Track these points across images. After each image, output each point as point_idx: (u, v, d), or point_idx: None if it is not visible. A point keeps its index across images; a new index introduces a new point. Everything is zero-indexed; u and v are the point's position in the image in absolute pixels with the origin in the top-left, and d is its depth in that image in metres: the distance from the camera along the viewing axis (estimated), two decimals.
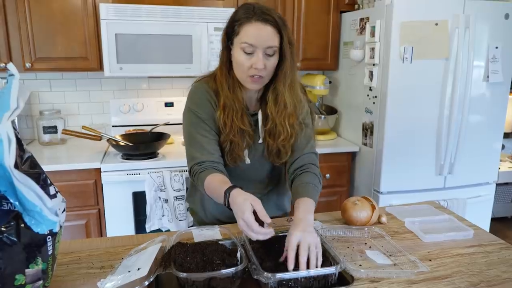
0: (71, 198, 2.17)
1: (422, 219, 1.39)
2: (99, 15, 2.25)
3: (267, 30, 1.17)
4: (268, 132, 1.32)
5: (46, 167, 2.05)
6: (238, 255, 1.03)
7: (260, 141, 1.34)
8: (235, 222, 1.31)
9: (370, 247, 1.21)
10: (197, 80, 1.36)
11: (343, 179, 2.66)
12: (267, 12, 1.18)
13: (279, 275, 0.94)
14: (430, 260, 1.14)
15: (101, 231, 2.30)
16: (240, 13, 1.21)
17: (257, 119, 1.33)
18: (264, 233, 1.01)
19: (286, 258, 1.01)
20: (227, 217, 1.41)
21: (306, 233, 1.04)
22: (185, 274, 0.92)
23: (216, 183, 1.18)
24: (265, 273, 0.93)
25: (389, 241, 1.22)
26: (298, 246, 1.01)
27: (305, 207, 1.16)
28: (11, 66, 0.84)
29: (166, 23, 2.31)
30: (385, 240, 1.23)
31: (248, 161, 1.35)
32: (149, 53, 2.33)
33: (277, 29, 1.18)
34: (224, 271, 0.94)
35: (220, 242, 1.10)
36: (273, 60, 1.21)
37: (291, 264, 0.99)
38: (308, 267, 0.99)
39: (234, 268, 0.95)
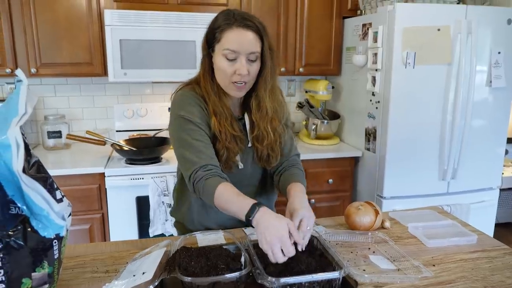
0: (75, 202, 2.18)
1: (425, 224, 1.39)
2: (103, 21, 2.28)
3: (248, 36, 1.17)
4: (255, 138, 1.33)
5: (50, 172, 2.06)
6: (242, 259, 1.03)
7: (249, 145, 1.35)
8: (224, 229, 1.32)
9: (373, 252, 1.21)
10: (180, 88, 1.34)
11: (346, 184, 2.66)
12: (248, 18, 1.19)
13: (283, 280, 0.94)
14: (433, 265, 1.14)
15: (105, 236, 2.31)
16: (220, 19, 1.20)
17: (244, 123, 1.34)
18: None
19: None
20: (217, 225, 1.41)
21: (309, 211, 1.12)
22: (189, 278, 0.92)
23: (232, 194, 1.15)
24: (269, 277, 0.94)
25: (392, 246, 1.22)
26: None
27: (299, 188, 1.25)
28: (19, 72, 0.86)
29: (169, 29, 2.33)
30: (389, 245, 1.23)
31: (241, 165, 1.35)
32: (153, 58, 2.35)
33: (258, 35, 1.19)
34: (228, 275, 0.94)
35: (224, 247, 1.10)
36: (256, 66, 1.22)
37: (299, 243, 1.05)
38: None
39: (238, 272, 0.95)
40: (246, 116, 1.34)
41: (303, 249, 1.06)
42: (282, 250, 1.00)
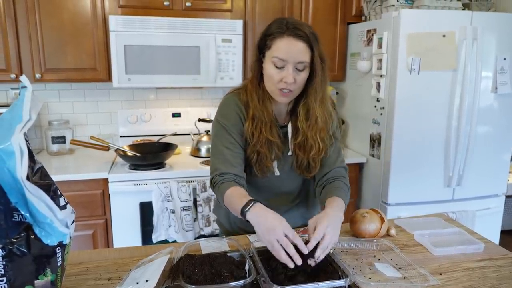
0: (79, 208, 2.18)
1: (431, 232, 1.38)
2: (108, 26, 2.29)
3: (298, 46, 1.18)
4: (298, 145, 1.33)
5: (54, 177, 2.05)
6: (247, 267, 1.02)
7: (290, 153, 1.35)
8: None
9: (379, 259, 1.20)
10: (229, 92, 1.39)
11: (350, 190, 2.62)
12: (300, 27, 1.19)
13: None
14: (440, 274, 1.12)
15: (108, 242, 2.30)
16: (273, 27, 1.23)
17: (287, 132, 1.35)
18: (294, 255, 1.00)
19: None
20: (252, 228, 1.41)
21: (334, 230, 1.08)
22: (193, 286, 0.91)
23: (236, 195, 1.18)
24: (274, 285, 0.93)
25: (398, 253, 1.21)
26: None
27: (338, 205, 1.20)
28: (23, 78, 0.85)
29: (174, 35, 2.34)
30: (395, 253, 1.22)
31: (277, 172, 1.36)
32: (157, 64, 2.35)
33: (308, 45, 1.19)
34: (232, 283, 0.93)
35: (228, 254, 1.09)
36: (303, 75, 1.22)
37: (307, 250, 1.02)
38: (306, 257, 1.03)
39: (242, 280, 0.94)
40: (290, 125, 1.34)
41: (315, 261, 1.03)
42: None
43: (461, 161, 2.40)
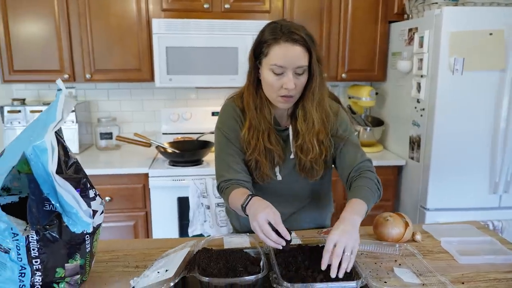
0: (122, 200, 2.32)
1: (460, 239, 1.33)
2: (151, 29, 2.41)
3: (296, 50, 1.17)
4: (299, 147, 1.32)
5: (101, 171, 2.21)
6: (261, 264, 1.05)
7: (292, 156, 1.35)
8: None
9: (399, 264, 1.18)
10: (229, 97, 1.41)
11: (388, 193, 2.58)
12: (295, 31, 1.17)
13: (298, 286, 0.95)
14: (462, 283, 1.09)
15: (148, 233, 2.43)
16: (267, 33, 1.21)
17: (288, 134, 1.34)
18: (275, 240, 1.03)
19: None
20: None
21: (345, 234, 1.03)
22: (207, 278, 0.96)
23: (238, 195, 1.20)
24: (285, 282, 0.95)
25: (421, 260, 1.18)
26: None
27: (353, 207, 1.14)
28: (59, 82, 0.94)
29: (213, 36, 2.41)
30: (417, 259, 1.19)
31: (279, 177, 1.36)
32: (197, 64, 2.44)
33: (306, 48, 1.18)
34: (245, 278, 0.97)
35: (245, 250, 1.13)
36: (303, 79, 1.22)
37: (323, 265, 1.01)
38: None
39: (254, 276, 0.97)
40: (290, 128, 1.34)
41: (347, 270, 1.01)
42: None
43: (509, 166, 2.27)
